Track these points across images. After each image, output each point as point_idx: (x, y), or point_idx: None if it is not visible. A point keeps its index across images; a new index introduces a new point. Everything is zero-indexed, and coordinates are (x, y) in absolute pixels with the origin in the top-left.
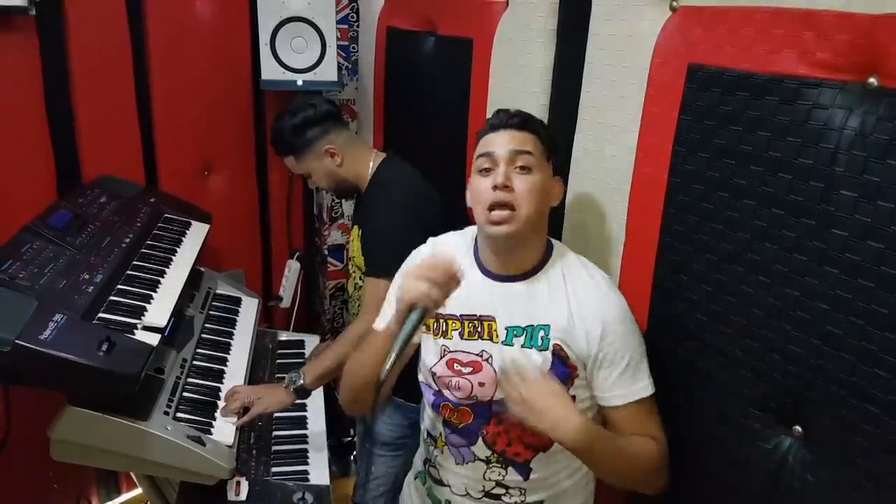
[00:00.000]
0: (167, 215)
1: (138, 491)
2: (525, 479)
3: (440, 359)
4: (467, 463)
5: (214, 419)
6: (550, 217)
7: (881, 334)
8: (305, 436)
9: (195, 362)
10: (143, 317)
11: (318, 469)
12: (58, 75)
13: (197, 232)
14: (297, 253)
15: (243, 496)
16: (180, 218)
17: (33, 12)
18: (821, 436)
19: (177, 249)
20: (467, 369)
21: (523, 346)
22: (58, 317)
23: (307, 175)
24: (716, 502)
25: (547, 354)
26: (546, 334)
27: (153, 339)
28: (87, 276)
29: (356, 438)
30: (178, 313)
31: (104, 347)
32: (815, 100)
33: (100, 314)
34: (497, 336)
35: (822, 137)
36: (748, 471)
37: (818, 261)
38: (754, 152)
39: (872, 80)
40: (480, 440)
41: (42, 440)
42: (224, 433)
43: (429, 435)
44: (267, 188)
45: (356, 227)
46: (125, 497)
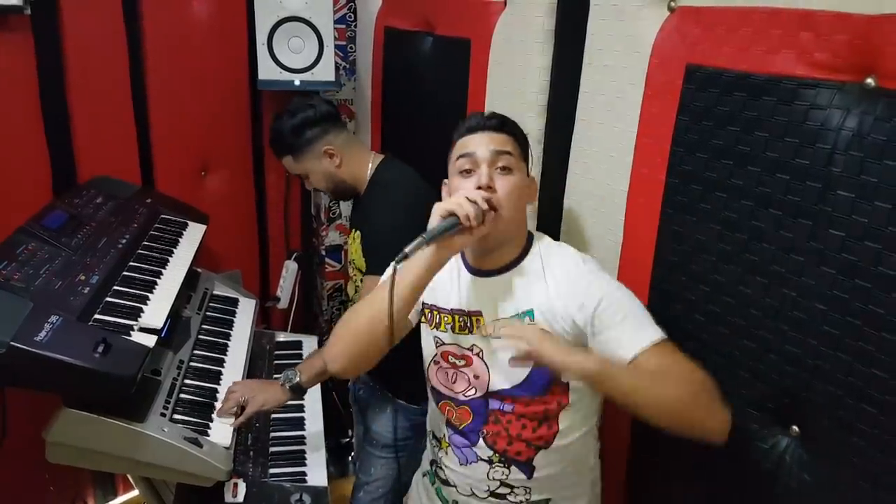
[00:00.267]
0: (164, 216)
1: (135, 493)
2: (529, 478)
3: (436, 349)
4: (470, 463)
5: (211, 420)
6: (549, 217)
7: (878, 334)
8: (303, 437)
9: (192, 364)
10: (140, 318)
11: (316, 470)
12: (53, 75)
13: (194, 233)
14: (295, 253)
15: (240, 498)
16: (177, 218)
17: (28, 12)
18: (818, 436)
19: (173, 250)
20: (461, 362)
21: None
22: (53, 318)
23: (305, 176)
24: (714, 502)
25: None
26: (531, 320)
27: (149, 341)
28: (83, 278)
29: (354, 440)
30: (175, 314)
31: (100, 349)
32: (813, 100)
33: (96, 315)
34: (486, 330)
35: (820, 138)
36: (746, 470)
37: (816, 261)
38: (752, 153)
39: (870, 81)
40: (481, 440)
41: (38, 442)
42: (221, 434)
43: (434, 437)
44: (264, 188)
45: (355, 230)
46: (121, 499)
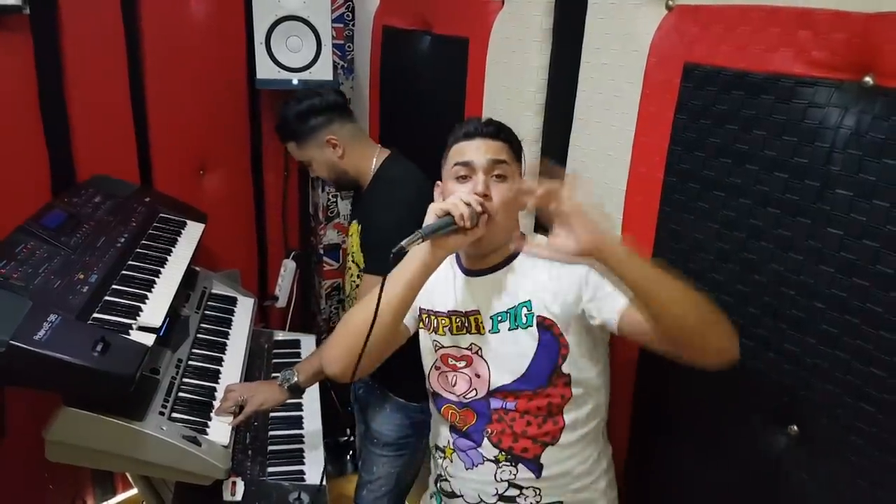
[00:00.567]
0: (162, 215)
1: (134, 491)
2: (538, 477)
3: (436, 353)
4: (477, 466)
5: (210, 419)
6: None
7: (876, 333)
8: (301, 436)
9: (190, 362)
10: (139, 317)
11: (314, 469)
12: (52, 74)
13: (192, 231)
14: (293, 252)
15: (239, 496)
16: (175, 217)
17: (27, 11)
18: (817, 435)
19: (172, 249)
20: (461, 363)
21: (510, 329)
22: (52, 317)
23: (308, 163)
24: (713, 501)
25: (533, 331)
26: (529, 310)
27: (148, 340)
28: (82, 276)
29: (356, 438)
30: (174, 313)
31: (99, 348)
32: (811, 99)
33: (94, 314)
34: (483, 327)
35: (818, 136)
36: (745, 470)
37: (814, 260)
38: (750, 151)
39: (868, 79)
40: (486, 440)
41: (37, 441)
42: (220, 433)
43: (437, 448)
44: (263, 187)
45: (355, 223)
46: (121, 497)
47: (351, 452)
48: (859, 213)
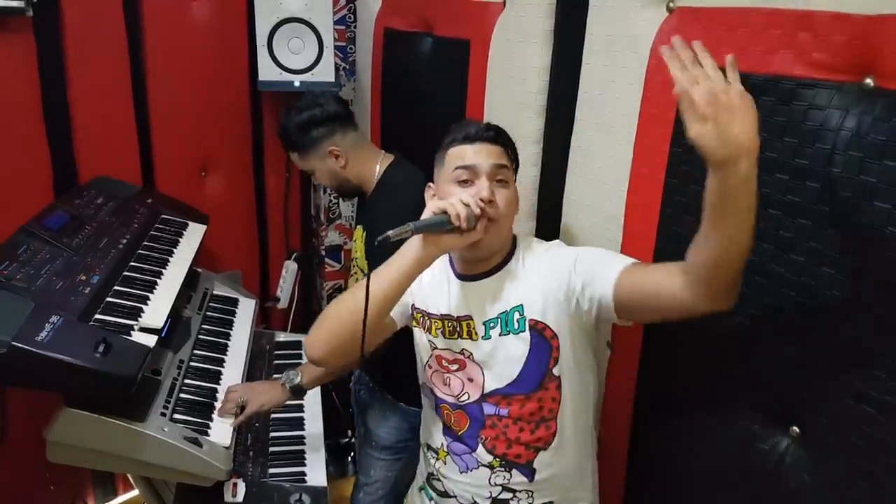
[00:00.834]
0: (164, 216)
1: (135, 492)
2: (531, 481)
3: (431, 352)
4: (471, 470)
5: (211, 420)
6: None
7: (878, 336)
8: (303, 437)
9: (192, 363)
10: (140, 318)
11: (316, 470)
12: (55, 76)
13: (194, 233)
14: (295, 254)
15: (240, 498)
16: (177, 219)
17: (30, 13)
18: (818, 436)
19: (174, 250)
20: (454, 366)
21: (501, 335)
22: (54, 318)
23: (311, 172)
24: (714, 502)
25: (525, 335)
26: (521, 314)
27: (150, 341)
28: (84, 278)
29: (355, 441)
30: (175, 314)
31: (101, 349)
32: (812, 100)
33: (96, 315)
34: (476, 333)
35: (819, 138)
36: (746, 472)
37: (815, 261)
38: None
39: (869, 81)
40: (481, 446)
41: (38, 442)
42: (221, 434)
43: (429, 448)
44: (264, 189)
45: (360, 228)
46: (122, 499)
47: (352, 454)
48: (860, 215)
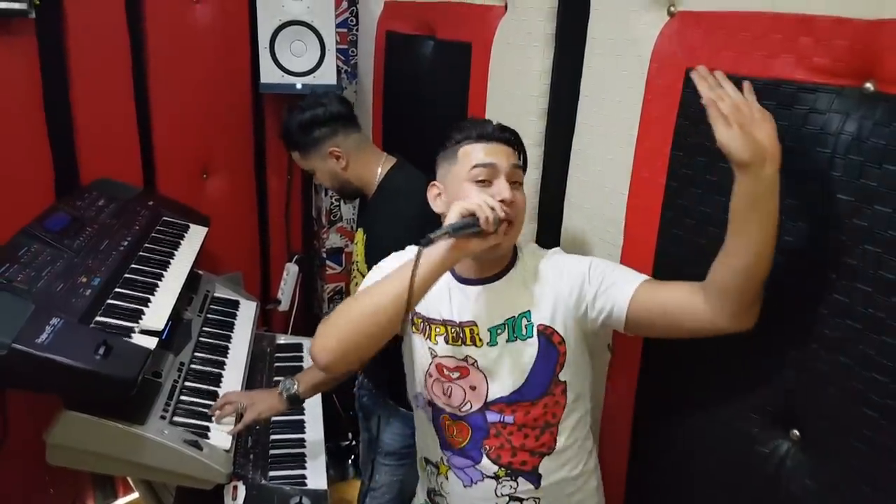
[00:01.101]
0: (165, 218)
1: (135, 495)
2: (537, 487)
3: (431, 360)
4: (476, 483)
5: (212, 423)
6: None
7: (878, 338)
8: (303, 440)
9: (193, 366)
10: (141, 320)
11: (316, 473)
12: (57, 78)
13: (195, 235)
14: (296, 256)
15: (240, 501)
16: (178, 221)
17: (33, 15)
18: (819, 440)
19: (175, 252)
20: (455, 374)
21: (508, 341)
22: (55, 320)
23: (312, 172)
24: None
25: (532, 342)
26: (529, 320)
27: (150, 343)
28: (85, 280)
29: (360, 446)
30: (176, 317)
31: (101, 351)
32: (812, 104)
33: (97, 318)
34: (480, 340)
35: (819, 142)
36: (746, 475)
37: (815, 265)
38: None
39: (869, 85)
40: (485, 457)
41: (38, 444)
42: (221, 437)
43: (428, 462)
44: (266, 191)
45: (361, 231)
46: (122, 501)
47: (353, 457)
48: (861, 219)
